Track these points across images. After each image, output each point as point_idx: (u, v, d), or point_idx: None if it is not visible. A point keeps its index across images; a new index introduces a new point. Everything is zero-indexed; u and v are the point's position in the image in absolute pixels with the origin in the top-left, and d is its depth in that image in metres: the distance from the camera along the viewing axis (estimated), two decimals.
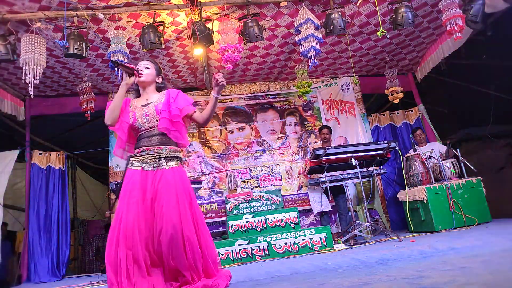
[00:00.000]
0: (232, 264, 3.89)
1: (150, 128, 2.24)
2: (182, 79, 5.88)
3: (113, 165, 5.72)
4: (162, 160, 2.19)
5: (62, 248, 5.37)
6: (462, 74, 5.79)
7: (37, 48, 3.74)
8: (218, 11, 4.33)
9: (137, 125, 2.24)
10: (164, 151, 2.21)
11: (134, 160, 2.22)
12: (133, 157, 2.23)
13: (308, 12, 4.11)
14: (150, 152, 2.20)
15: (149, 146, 2.21)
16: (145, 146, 2.22)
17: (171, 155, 2.22)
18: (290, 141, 6.25)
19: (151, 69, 2.35)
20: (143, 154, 2.20)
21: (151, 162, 2.18)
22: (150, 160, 2.18)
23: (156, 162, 2.18)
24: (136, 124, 2.24)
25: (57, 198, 5.47)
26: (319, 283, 1.83)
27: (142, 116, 2.23)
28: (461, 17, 3.90)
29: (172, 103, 2.25)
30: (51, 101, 5.77)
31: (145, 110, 2.24)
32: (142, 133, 2.25)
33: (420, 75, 6.31)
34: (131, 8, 4.05)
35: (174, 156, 2.24)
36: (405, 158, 4.98)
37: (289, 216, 4.41)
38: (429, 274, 1.61)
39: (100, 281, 3.76)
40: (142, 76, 2.29)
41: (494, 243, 2.43)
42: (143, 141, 2.24)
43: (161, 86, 2.39)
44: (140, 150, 2.22)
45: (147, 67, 2.34)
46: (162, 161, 2.19)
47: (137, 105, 2.28)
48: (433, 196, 4.36)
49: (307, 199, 5.56)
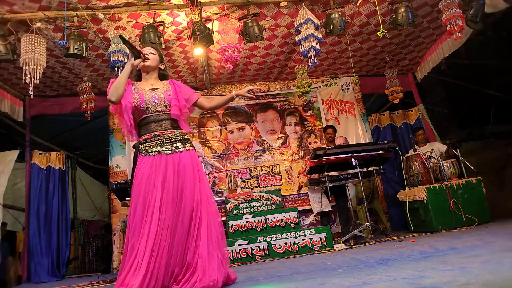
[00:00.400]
0: (232, 264, 3.89)
1: (159, 112, 2.27)
2: (182, 79, 5.88)
3: (113, 165, 5.72)
4: (178, 143, 2.26)
5: (62, 248, 5.37)
6: (462, 74, 5.79)
7: (37, 48, 3.74)
8: (218, 11, 4.33)
9: (143, 107, 2.25)
10: (177, 135, 2.28)
11: (147, 146, 2.23)
12: (144, 143, 2.24)
13: (308, 12, 4.11)
14: (165, 136, 2.24)
15: (161, 131, 2.25)
16: (156, 130, 2.25)
17: (184, 137, 2.30)
18: (290, 141, 6.25)
19: (155, 55, 2.41)
20: (157, 139, 2.23)
21: (168, 146, 2.23)
22: (167, 144, 2.23)
23: (172, 146, 2.24)
24: (143, 106, 2.25)
25: (57, 198, 5.48)
26: (319, 283, 1.83)
27: (152, 98, 2.27)
28: (461, 17, 3.90)
29: (179, 93, 2.34)
30: (51, 101, 5.77)
31: (153, 93, 2.29)
32: (149, 116, 2.27)
33: (420, 75, 6.31)
34: (131, 8, 4.05)
35: (187, 138, 2.32)
36: (405, 158, 4.98)
37: (289, 216, 4.41)
38: (429, 274, 1.61)
39: (100, 281, 3.76)
40: (148, 61, 2.34)
41: (494, 243, 2.43)
42: (152, 125, 2.26)
43: (164, 73, 2.46)
44: (151, 135, 2.24)
45: (152, 52, 2.40)
46: (178, 144, 2.25)
47: (145, 88, 2.32)
48: (433, 196, 4.36)
49: (307, 199, 5.56)
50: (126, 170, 5.70)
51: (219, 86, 6.36)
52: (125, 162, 5.73)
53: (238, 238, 4.09)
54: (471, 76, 5.59)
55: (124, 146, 5.80)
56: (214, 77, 6.04)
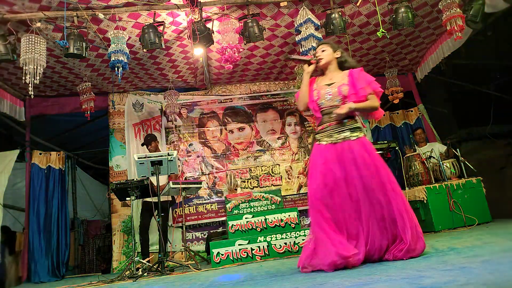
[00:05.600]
0: (232, 264, 3.89)
1: (331, 106, 2.47)
2: (182, 79, 5.88)
3: (113, 165, 5.72)
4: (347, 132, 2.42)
5: (62, 248, 5.37)
6: (462, 74, 5.79)
7: (37, 48, 3.73)
8: (218, 11, 4.33)
9: (319, 103, 2.49)
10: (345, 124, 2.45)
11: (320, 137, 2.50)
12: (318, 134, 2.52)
13: (308, 12, 4.11)
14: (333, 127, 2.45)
15: (330, 122, 2.47)
16: (327, 122, 2.49)
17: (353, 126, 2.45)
18: (290, 141, 6.25)
19: (327, 50, 2.57)
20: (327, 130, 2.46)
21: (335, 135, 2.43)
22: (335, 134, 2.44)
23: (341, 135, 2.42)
24: (319, 102, 2.48)
25: (57, 198, 5.48)
26: (319, 283, 1.83)
27: (326, 94, 2.47)
28: (461, 17, 3.90)
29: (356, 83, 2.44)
30: (51, 101, 5.77)
31: (328, 89, 2.48)
32: (323, 110, 2.51)
33: (420, 75, 6.31)
34: (131, 8, 4.05)
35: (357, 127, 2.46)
36: (405, 158, 4.98)
37: (289, 216, 4.40)
38: (429, 274, 1.61)
39: (100, 281, 3.76)
40: (321, 61, 2.55)
41: (494, 243, 2.42)
42: (324, 117, 2.51)
43: (342, 60, 2.59)
44: (324, 126, 2.49)
45: (323, 50, 2.59)
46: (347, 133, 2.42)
47: (322, 84, 2.53)
48: (433, 196, 4.35)
49: (307, 199, 5.55)
50: (126, 170, 5.70)
51: (219, 86, 6.36)
52: (125, 162, 5.73)
53: (238, 238, 4.09)
54: (471, 76, 5.59)
55: (124, 146, 5.80)
56: (214, 77, 6.04)
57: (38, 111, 5.75)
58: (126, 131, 5.86)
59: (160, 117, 6.06)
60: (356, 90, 2.40)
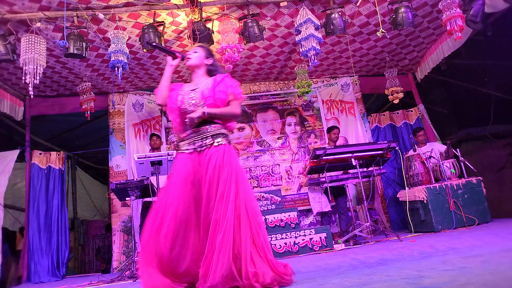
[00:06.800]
0: None
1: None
2: (182, 79, 5.88)
3: (113, 165, 5.71)
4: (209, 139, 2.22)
5: (62, 248, 5.36)
6: (462, 74, 5.79)
7: (37, 48, 3.73)
8: (218, 11, 4.33)
9: (184, 108, 2.27)
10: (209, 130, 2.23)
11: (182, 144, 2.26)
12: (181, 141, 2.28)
13: (308, 12, 4.11)
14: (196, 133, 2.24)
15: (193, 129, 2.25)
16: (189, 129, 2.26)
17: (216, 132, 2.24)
18: (290, 141, 6.25)
19: (198, 53, 2.38)
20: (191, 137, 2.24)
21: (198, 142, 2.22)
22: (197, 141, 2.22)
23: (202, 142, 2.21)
24: (183, 107, 2.27)
25: (57, 198, 5.47)
26: (319, 283, 1.83)
27: (189, 100, 2.27)
28: (461, 17, 3.90)
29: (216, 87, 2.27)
30: (51, 101, 5.77)
31: (192, 94, 2.28)
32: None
33: (420, 75, 6.31)
34: (131, 8, 4.05)
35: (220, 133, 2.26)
36: (405, 158, 4.98)
37: (289, 216, 4.40)
38: (429, 274, 1.61)
39: (100, 281, 3.76)
40: (188, 60, 2.34)
41: (494, 243, 2.43)
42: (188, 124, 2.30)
43: (212, 69, 2.39)
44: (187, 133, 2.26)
45: (195, 51, 2.39)
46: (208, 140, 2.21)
47: (187, 89, 2.34)
48: (433, 196, 4.35)
49: (307, 199, 5.56)
50: (126, 170, 5.70)
51: None
52: (125, 162, 5.73)
53: None
54: (471, 76, 5.58)
55: (124, 146, 5.79)
56: None
57: (38, 111, 5.74)
58: (126, 131, 5.85)
59: (160, 117, 6.07)
60: (213, 93, 2.23)
